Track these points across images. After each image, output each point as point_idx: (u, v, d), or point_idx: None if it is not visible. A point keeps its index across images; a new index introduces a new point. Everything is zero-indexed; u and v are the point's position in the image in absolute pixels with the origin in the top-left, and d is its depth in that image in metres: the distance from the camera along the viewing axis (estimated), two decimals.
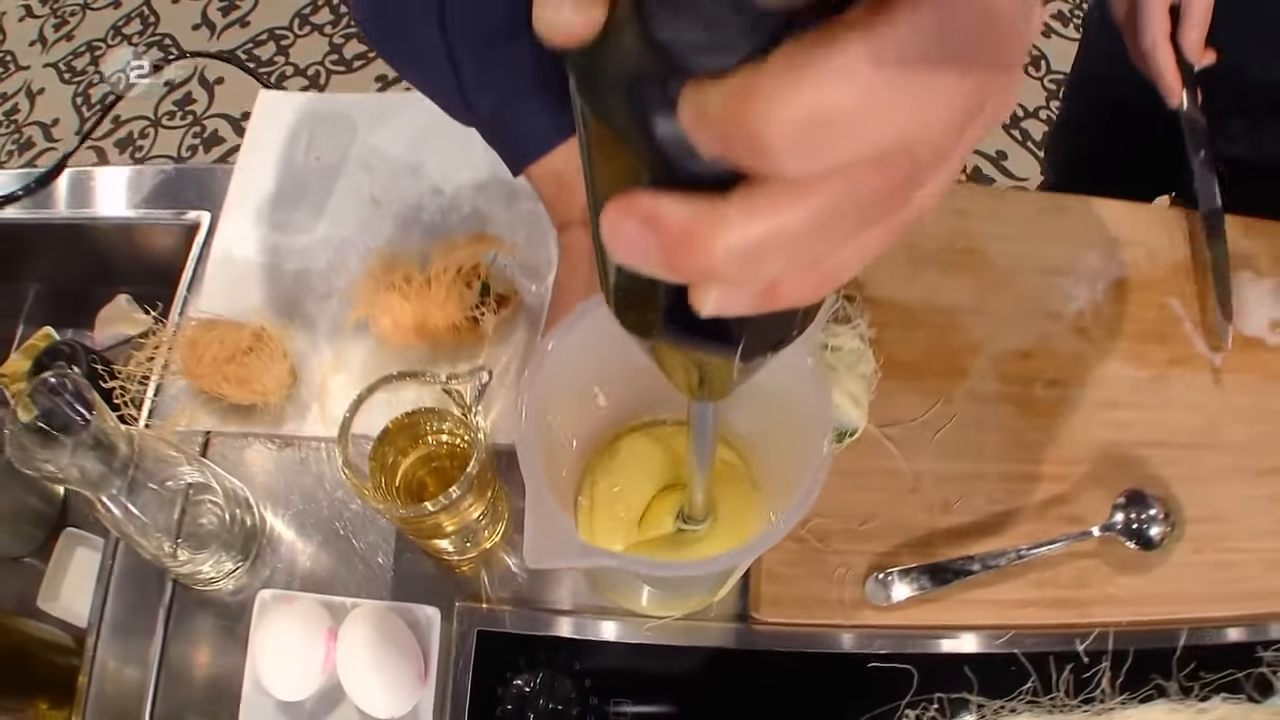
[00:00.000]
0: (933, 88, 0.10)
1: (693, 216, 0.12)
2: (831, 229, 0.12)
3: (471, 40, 0.39)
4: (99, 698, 0.46)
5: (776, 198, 0.11)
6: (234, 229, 0.55)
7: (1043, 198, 0.56)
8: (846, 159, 0.10)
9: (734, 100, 0.10)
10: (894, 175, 0.11)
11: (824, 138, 0.10)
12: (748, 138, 0.10)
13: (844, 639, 0.42)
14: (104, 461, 0.39)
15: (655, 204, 0.12)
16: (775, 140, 0.10)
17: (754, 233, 0.11)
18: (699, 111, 0.11)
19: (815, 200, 0.11)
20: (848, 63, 0.10)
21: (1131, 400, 0.49)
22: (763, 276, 0.12)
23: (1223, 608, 0.45)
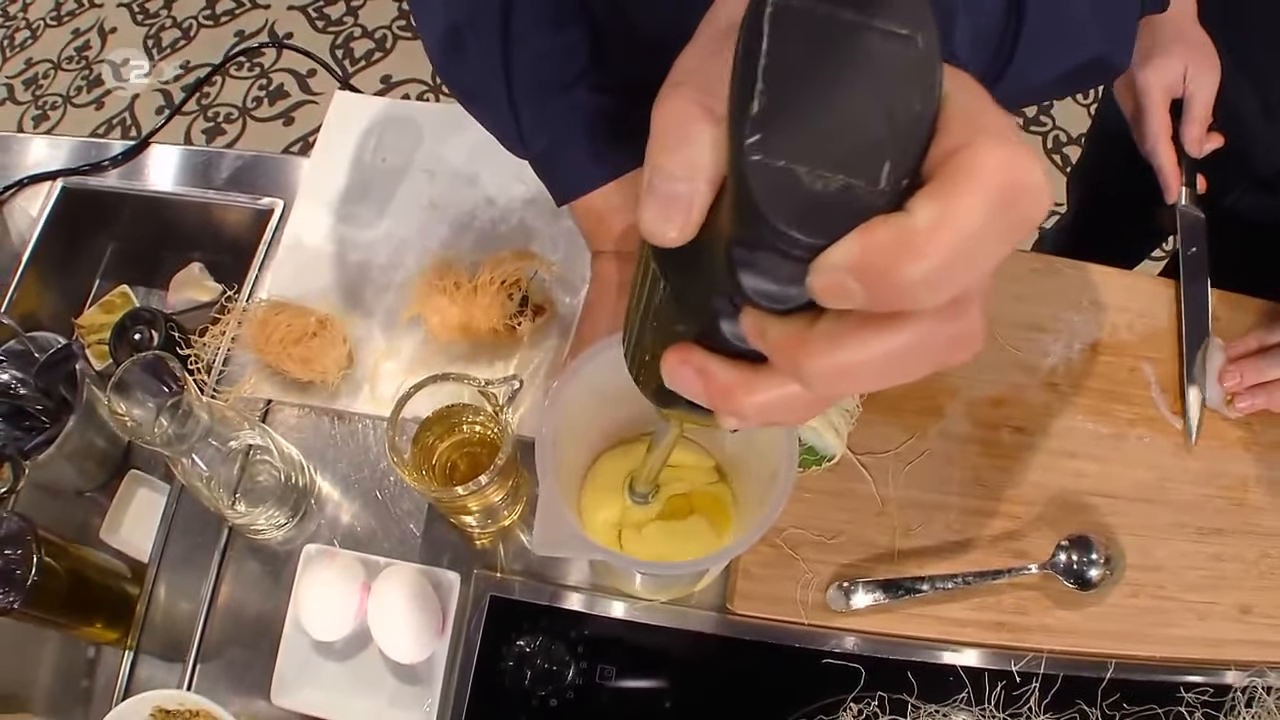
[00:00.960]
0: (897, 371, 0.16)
1: (733, 380, 0.18)
2: (817, 405, 0.19)
3: (530, 90, 0.45)
4: (154, 625, 0.53)
5: (789, 384, 0.18)
6: (305, 217, 0.61)
7: (1036, 258, 0.61)
8: (844, 390, 0.17)
9: (789, 339, 0.17)
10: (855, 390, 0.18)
11: (839, 381, 0.16)
12: (796, 366, 0.16)
13: (804, 636, 0.49)
14: (183, 427, 0.46)
15: (708, 362, 0.19)
16: (814, 374, 0.16)
17: (771, 397, 0.18)
18: (759, 330, 0.17)
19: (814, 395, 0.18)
20: (866, 346, 0.16)
21: (1090, 452, 0.55)
22: (766, 419, 0.19)
23: (1151, 649, 0.50)
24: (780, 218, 0.14)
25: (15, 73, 1.54)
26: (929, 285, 0.14)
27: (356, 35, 1.51)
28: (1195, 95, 0.57)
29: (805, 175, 0.14)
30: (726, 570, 0.50)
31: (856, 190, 0.14)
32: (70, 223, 0.69)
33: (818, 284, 0.15)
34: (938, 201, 0.14)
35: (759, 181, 0.14)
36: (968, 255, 0.14)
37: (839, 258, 0.14)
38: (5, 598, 0.49)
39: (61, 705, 0.60)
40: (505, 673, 0.48)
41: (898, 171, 0.14)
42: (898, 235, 0.14)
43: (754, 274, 0.16)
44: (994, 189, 0.14)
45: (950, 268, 0.14)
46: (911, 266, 0.14)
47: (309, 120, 1.43)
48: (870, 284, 0.14)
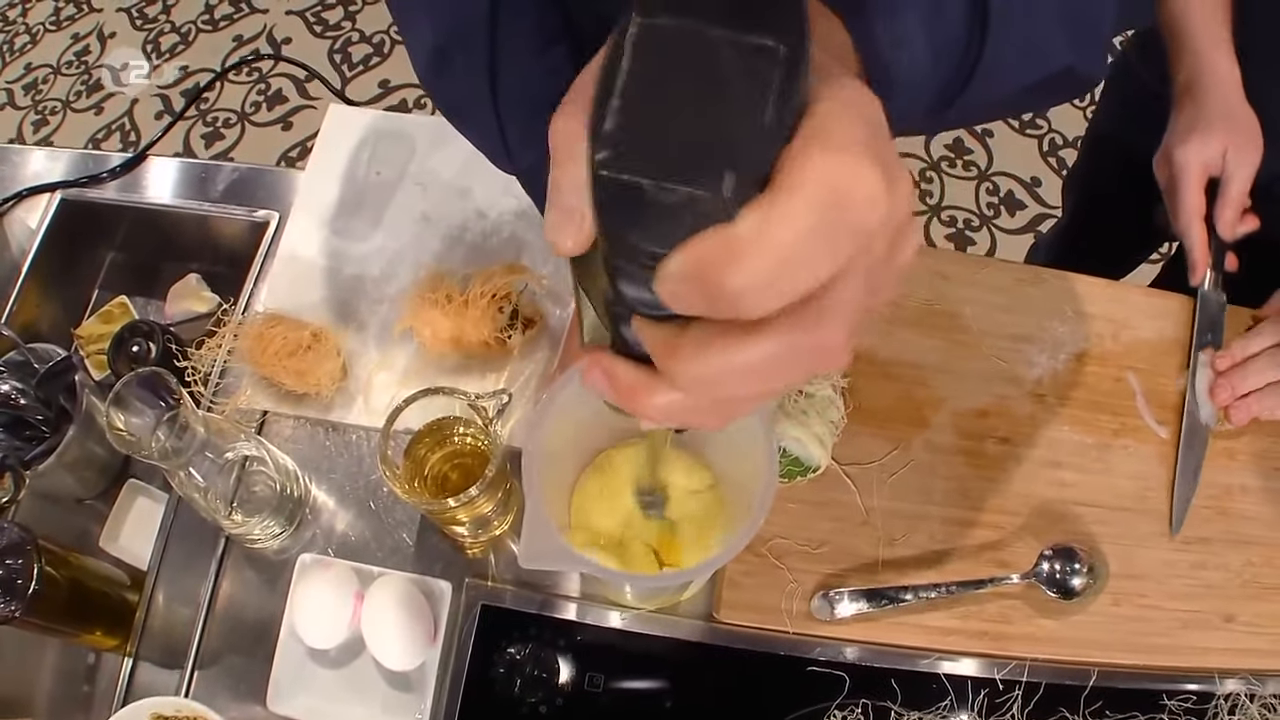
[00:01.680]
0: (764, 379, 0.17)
1: (634, 381, 0.19)
2: (722, 409, 0.19)
3: (517, 108, 0.46)
4: (152, 631, 0.54)
5: (679, 387, 0.19)
6: (300, 230, 0.62)
7: (1022, 269, 0.61)
8: (719, 396, 0.18)
9: (663, 344, 0.18)
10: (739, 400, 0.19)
11: (708, 386, 0.17)
12: (669, 370, 0.18)
13: (790, 644, 0.49)
14: (179, 440, 0.47)
15: (614, 365, 0.20)
16: (684, 378, 0.17)
17: (667, 400, 0.19)
18: (641, 335, 0.18)
19: (696, 397, 0.19)
20: (728, 353, 0.17)
21: (1074, 462, 0.55)
22: (679, 419, 0.20)
23: (1133, 656, 0.50)
24: (626, 229, 0.15)
25: (15, 77, 1.55)
26: (755, 291, 0.15)
27: (354, 40, 1.52)
28: (1233, 176, 0.55)
29: (650, 187, 0.14)
30: (713, 579, 0.51)
31: (700, 200, 0.14)
32: (69, 234, 0.70)
33: (659, 291, 0.16)
34: (760, 210, 0.14)
35: (606, 195, 0.15)
36: (792, 261, 0.15)
37: (672, 266, 0.15)
38: (7, 607, 0.50)
39: (63, 710, 0.61)
40: (496, 680, 0.49)
41: (743, 181, 0.14)
42: (722, 243, 0.14)
43: (625, 282, 0.17)
44: (817, 196, 0.14)
45: (774, 274, 0.15)
46: (734, 274, 0.14)
47: (307, 125, 1.44)
48: (701, 291, 0.15)
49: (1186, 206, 0.56)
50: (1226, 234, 0.57)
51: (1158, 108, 0.62)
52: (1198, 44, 0.56)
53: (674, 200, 0.15)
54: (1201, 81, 0.56)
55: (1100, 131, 0.84)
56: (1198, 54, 0.56)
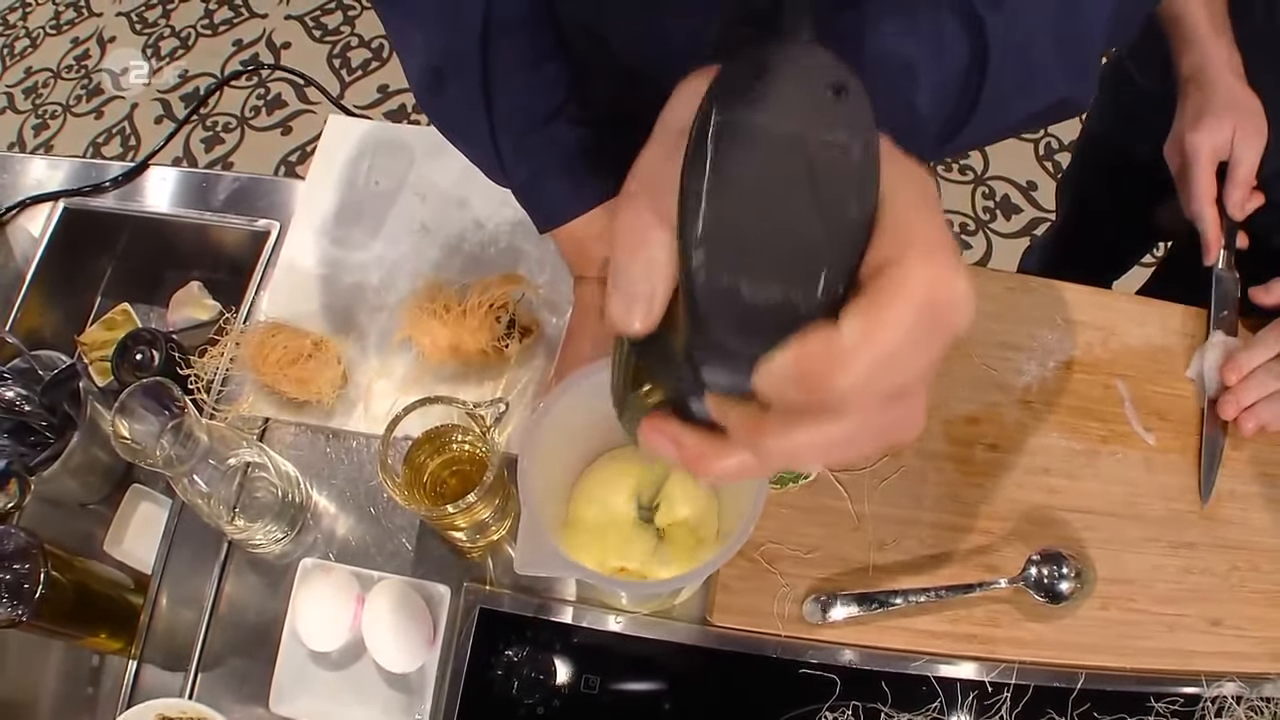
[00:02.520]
0: (846, 451, 0.18)
1: (701, 448, 0.20)
2: (780, 468, 0.20)
3: (511, 125, 0.47)
4: (156, 634, 0.55)
5: (750, 456, 0.19)
6: (300, 239, 0.63)
7: (1011, 277, 0.62)
8: (800, 465, 0.19)
9: (746, 422, 0.18)
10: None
11: (790, 459, 0.18)
12: (753, 444, 0.18)
13: (782, 647, 0.50)
14: (183, 448, 0.48)
15: (680, 433, 0.20)
16: (768, 452, 0.18)
17: (735, 463, 0.20)
18: (721, 412, 0.19)
19: (765, 469, 0.20)
20: (812, 432, 0.17)
21: (1063, 469, 0.56)
22: (738, 478, 0.21)
23: (1121, 660, 0.51)
24: (724, 330, 0.16)
25: (15, 81, 1.56)
26: (857, 392, 0.16)
27: (353, 45, 1.53)
28: (1241, 159, 0.57)
29: (746, 289, 0.15)
30: (707, 583, 0.52)
31: (795, 300, 0.15)
32: (72, 242, 0.71)
33: (760, 386, 0.17)
34: (864, 317, 0.15)
35: (704, 296, 0.15)
36: (892, 365, 0.16)
37: (778, 367, 0.16)
38: (13, 611, 0.51)
39: (67, 713, 0.61)
40: (494, 682, 0.50)
41: (834, 279, 0.15)
42: (827, 349, 0.15)
43: (709, 369, 0.17)
44: (917, 305, 0.15)
45: (876, 377, 0.16)
46: (840, 377, 0.15)
47: (307, 130, 1.44)
48: (805, 390, 0.16)
49: (1199, 190, 0.58)
50: (1237, 214, 0.58)
51: (1151, 108, 0.63)
52: (1201, 34, 0.58)
53: (770, 301, 0.15)
54: (1207, 70, 0.57)
55: (1093, 132, 0.85)
56: (1202, 44, 0.58)
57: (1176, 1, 0.59)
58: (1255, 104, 0.57)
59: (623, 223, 0.18)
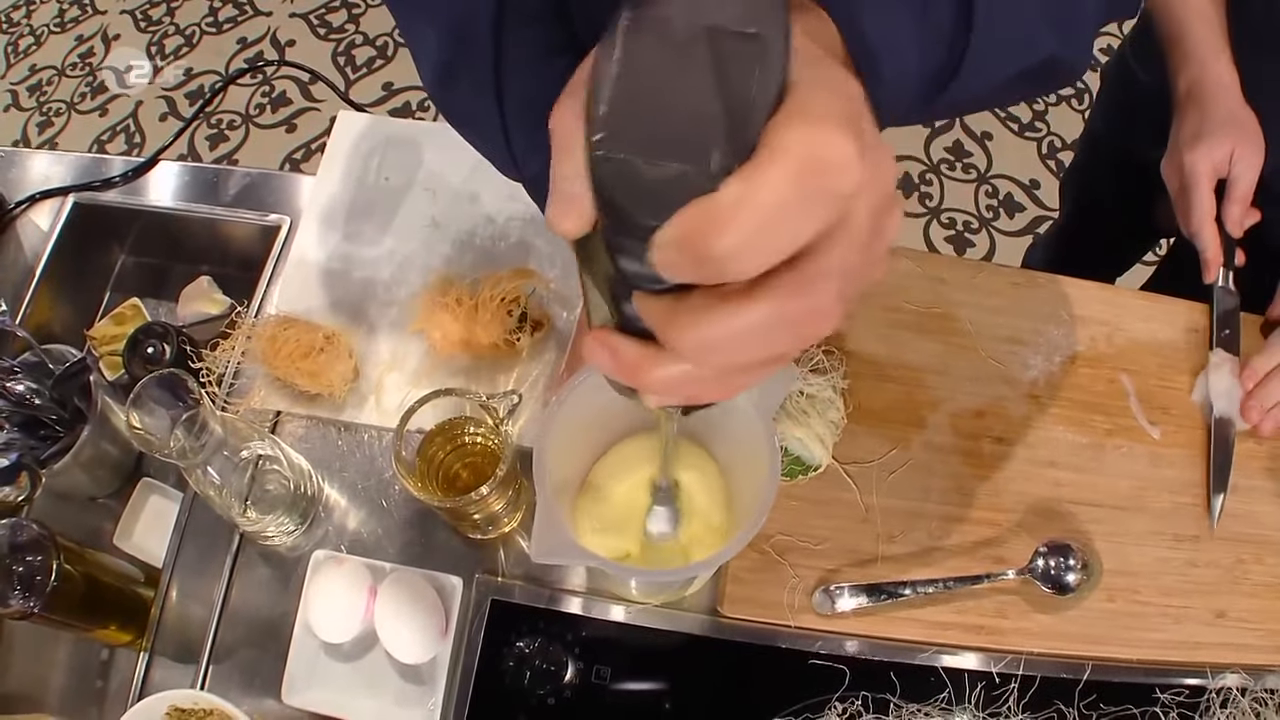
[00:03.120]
0: (763, 344, 0.18)
1: (638, 356, 0.20)
2: (725, 381, 0.20)
3: (523, 118, 0.47)
4: (167, 627, 0.55)
5: (681, 358, 0.19)
6: (311, 234, 0.63)
7: (1017, 273, 0.63)
8: (720, 363, 0.19)
9: (662, 315, 0.19)
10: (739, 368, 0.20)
11: (708, 352, 0.18)
12: (669, 339, 0.19)
13: (791, 637, 0.51)
14: (197, 440, 0.48)
15: (618, 342, 0.21)
16: (684, 346, 0.18)
17: (670, 373, 0.20)
18: (644, 307, 0.19)
19: (698, 365, 0.19)
20: (724, 318, 0.18)
21: (1069, 462, 0.57)
22: (681, 394, 0.21)
23: (1127, 651, 0.52)
24: (623, 206, 0.16)
25: (19, 79, 1.56)
26: (739, 254, 0.16)
27: (358, 43, 1.53)
28: (1240, 176, 0.57)
29: (643, 165, 0.16)
30: (717, 574, 0.52)
31: (690, 175, 0.16)
32: (81, 237, 0.71)
33: (654, 260, 0.17)
34: (740, 178, 0.16)
35: (604, 173, 0.16)
36: (772, 225, 0.16)
37: (664, 235, 0.16)
38: (25, 602, 0.51)
39: (76, 706, 0.62)
40: (506, 673, 0.50)
41: (728, 154, 0.16)
42: (706, 211, 0.16)
43: (624, 258, 0.18)
44: (794, 164, 0.15)
45: (756, 237, 0.16)
46: (718, 239, 0.16)
47: (311, 127, 1.45)
48: (690, 257, 0.16)
49: (1199, 209, 0.58)
50: (1235, 231, 0.58)
51: (1154, 107, 0.63)
52: (1200, 53, 0.58)
53: (666, 175, 0.16)
54: (1205, 89, 0.58)
55: (1097, 131, 0.85)
56: (1201, 62, 0.58)
57: (1175, 20, 0.59)
58: (1253, 121, 0.57)
59: (555, 124, 0.19)
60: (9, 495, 0.60)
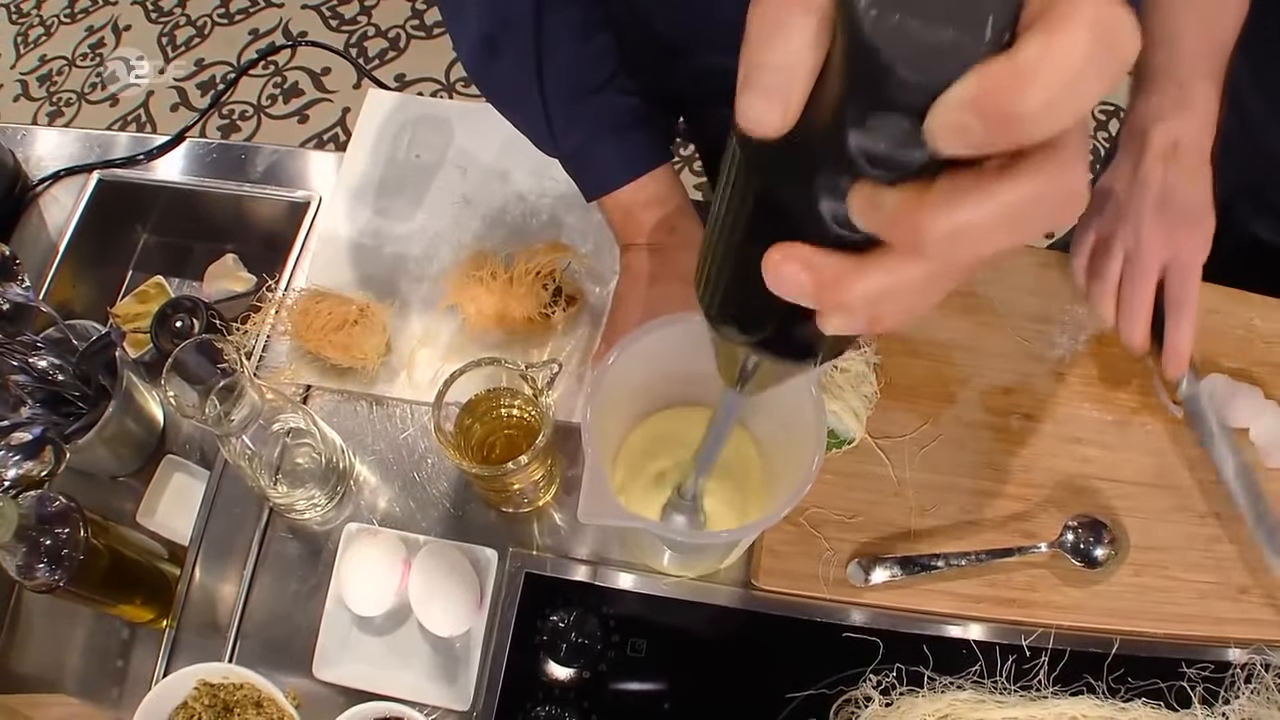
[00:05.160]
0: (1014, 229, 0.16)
1: (842, 269, 0.18)
2: (929, 288, 0.18)
3: (562, 94, 0.47)
4: (194, 603, 0.55)
5: (901, 264, 0.18)
6: (339, 211, 0.63)
7: (1045, 254, 0.63)
8: (964, 255, 0.17)
9: (907, 203, 0.16)
10: (975, 265, 0.18)
11: (960, 242, 0.16)
12: (917, 229, 0.16)
13: (825, 610, 0.51)
14: (234, 407, 0.48)
15: (813, 255, 0.18)
16: (937, 235, 0.16)
17: (880, 284, 0.18)
18: (873, 203, 0.17)
19: (926, 268, 0.17)
20: (986, 199, 0.16)
21: (1095, 439, 0.57)
22: (874, 313, 0.19)
23: (1154, 625, 0.52)
24: (903, 67, 0.15)
25: (29, 69, 1.55)
26: (1042, 114, 0.15)
27: (370, 35, 1.53)
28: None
29: (918, 29, 0.15)
30: (751, 548, 0.52)
31: (966, 42, 0.15)
32: (105, 214, 0.71)
33: (938, 124, 0.16)
34: (1043, 38, 0.15)
35: (877, 32, 0.15)
36: (1074, 86, 0.15)
37: (958, 93, 0.15)
38: (52, 575, 0.51)
39: (96, 686, 0.61)
40: (540, 646, 0.50)
41: (999, 24, 0.16)
42: (1012, 68, 0.15)
43: (870, 137, 0.16)
44: (1091, 27, 0.15)
45: (1060, 97, 0.15)
46: (1026, 96, 0.15)
47: (323, 118, 1.45)
48: (988, 117, 0.15)
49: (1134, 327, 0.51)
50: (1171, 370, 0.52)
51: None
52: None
53: (941, 41, 0.15)
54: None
55: None
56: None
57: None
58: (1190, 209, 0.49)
59: (759, 14, 0.17)
60: (33, 470, 0.59)
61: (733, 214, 0.20)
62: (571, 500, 0.55)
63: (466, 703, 0.50)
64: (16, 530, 0.48)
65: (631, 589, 0.51)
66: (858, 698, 0.49)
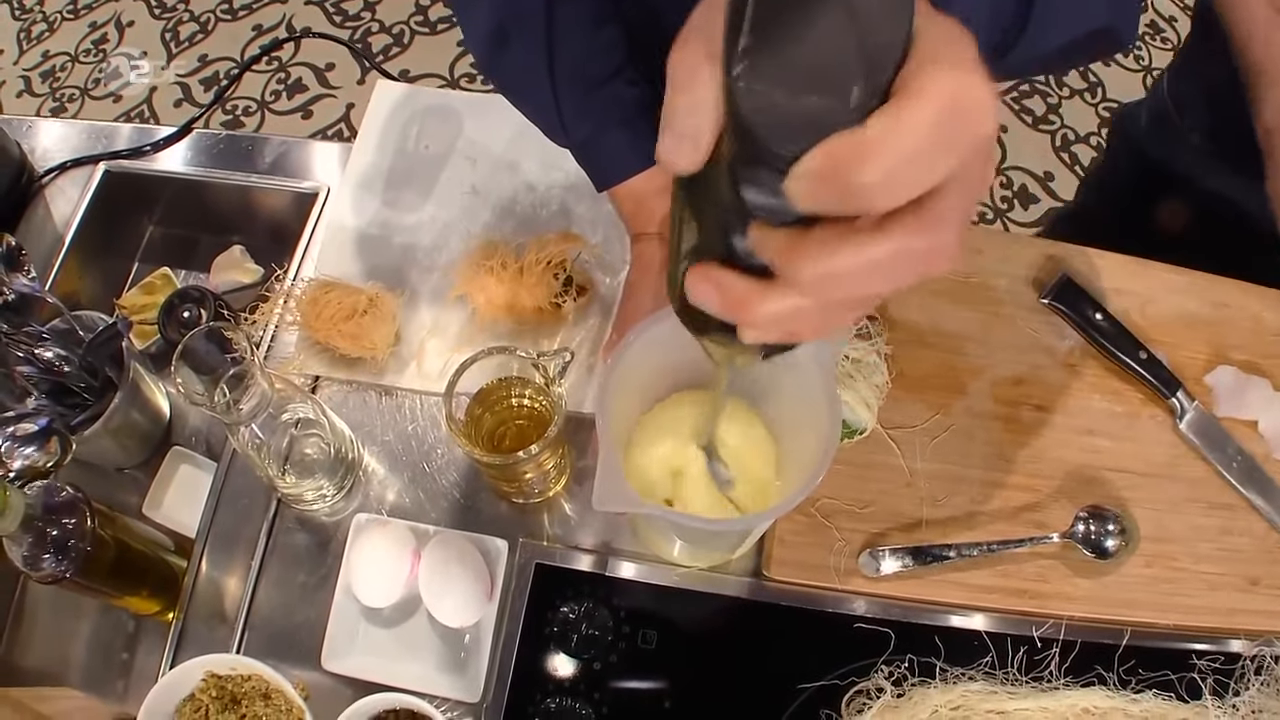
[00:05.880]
0: (882, 279, 0.18)
1: (746, 290, 0.20)
2: (829, 315, 0.21)
3: (573, 84, 0.47)
4: (201, 595, 0.54)
5: (793, 294, 0.20)
6: (348, 201, 0.63)
7: (1051, 245, 0.63)
8: (838, 296, 0.19)
9: (785, 246, 0.19)
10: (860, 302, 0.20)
11: (830, 285, 0.19)
12: (792, 270, 0.19)
13: (837, 600, 0.51)
14: (243, 395, 0.48)
15: (724, 276, 0.21)
16: (807, 278, 0.19)
17: (779, 307, 0.20)
18: (762, 241, 0.20)
19: (815, 301, 0.20)
20: (850, 251, 0.18)
21: (1105, 430, 0.57)
22: (785, 329, 0.21)
23: (1165, 616, 0.52)
24: (764, 133, 0.17)
25: (32, 65, 1.55)
26: (882, 186, 0.16)
27: (374, 30, 1.53)
28: None
29: (784, 97, 0.17)
30: (762, 539, 0.52)
31: (829, 109, 0.17)
32: (111, 206, 0.71)
33: (791, 189, 0.17)
34: (888, 115, 0.16)
35: (746, 103, 0.17)
36: (915, 161, 0.16)
37: (806, 164, 0.17)
38: (58, 566, 0.51)
39: (101, 679, 0.61)
40: (550, 637, 0.50)
41: (866, 93, 0.17)
42: (853, 144, 0.16)
43: (751, 188, 0.18)
44: (939, 105, 0.16)
45: (900, 172, 0.16)
46: (864, 170, 0.16)
47: (327, 114, 1.44)
48: (832, 187, 0.17)
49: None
50: None
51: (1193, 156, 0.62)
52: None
53: (806, 110, 0.17)
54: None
55: (1116, 163, 0.84)
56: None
57: (1257, 45, 0.55)
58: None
59: (674, 62, 0.19)
60: (39, 460, 0.59)
61: (677, 228, 0.23)
62: (582, 491, 0.54)
63: (476, 694, 0.49)
64: (23, 520, 0.48)
65: (642, 580, 0.51)
66: (869, 689, 0.48)
